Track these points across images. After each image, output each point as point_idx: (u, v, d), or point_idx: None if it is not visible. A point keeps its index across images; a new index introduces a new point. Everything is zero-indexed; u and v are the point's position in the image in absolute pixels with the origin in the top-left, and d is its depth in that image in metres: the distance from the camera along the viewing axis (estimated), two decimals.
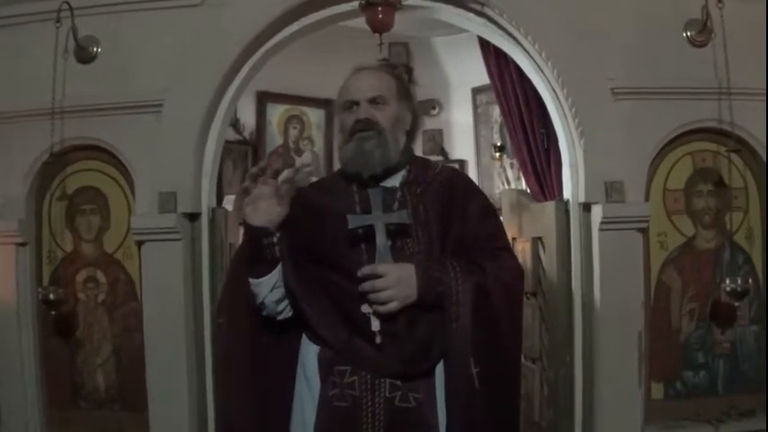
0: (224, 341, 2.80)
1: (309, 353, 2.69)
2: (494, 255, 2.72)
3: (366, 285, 2.53)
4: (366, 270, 2.54)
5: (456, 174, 2.99)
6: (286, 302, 2.69)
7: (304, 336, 2.73)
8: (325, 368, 2.63)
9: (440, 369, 2.62)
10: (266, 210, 2.61)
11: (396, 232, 2.64)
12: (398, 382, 2.57)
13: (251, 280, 2.63)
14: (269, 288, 2.63)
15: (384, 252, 2.59)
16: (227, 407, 2.76)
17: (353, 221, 2.59)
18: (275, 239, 2.61)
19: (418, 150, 6.47)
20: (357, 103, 2.71)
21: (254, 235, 2.60)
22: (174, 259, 4.19)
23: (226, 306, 2.80)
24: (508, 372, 2.73)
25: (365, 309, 2.57)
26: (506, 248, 2.85)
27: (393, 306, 2.53)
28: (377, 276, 2.53)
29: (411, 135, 2.86)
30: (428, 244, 2.65)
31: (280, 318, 2.71)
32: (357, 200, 2.71)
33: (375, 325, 2.57)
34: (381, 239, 2.59)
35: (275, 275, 2.63)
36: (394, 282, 2.53)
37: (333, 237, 2.66)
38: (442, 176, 2.81)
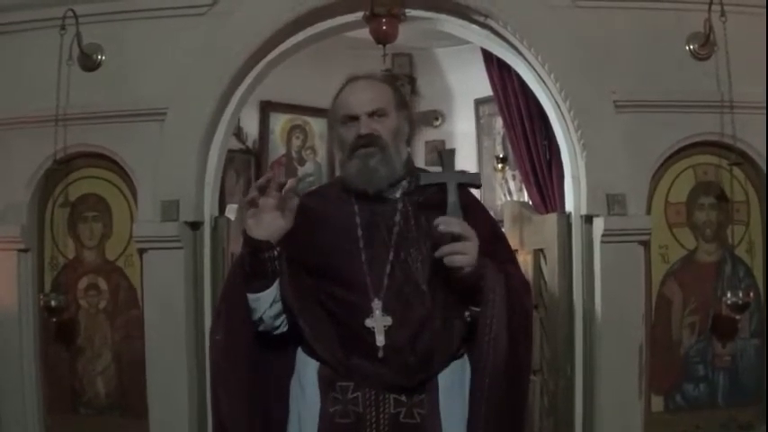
0: (221, 358, 2.66)
1: (307, 367, 2.64)
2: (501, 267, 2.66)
3: (447, 249, 2.45)
4: (447, 224, 2.45)
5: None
6: (283, 317, 2.64)
7: (300, 350, 2.69)
8: (327, 384, 2.58)
9: (443, 384, 2.59)
10: (269, 223, 2.52)
11: (399, 243, 2.62)
12: (403, 398, 2.54)
13: (250, 295, 2.57)
14: (268, 303, 2.58)
15: (455, 210, 2.50)
16: (225, 422, 2.66)
17: (425, 179, 2.55)
18: (276, 253, 2.54)
19: (420, 161, 6.49)
20: (356, 118, 2.63)
21: (255, 248, 2.52)
22: (175, 267, 4.20)
23: (222, 322, 2.67)
24: (520, 384, 2.71)
25: (369, 323, 2.53)
26: (513, 261, 2.83)
27: (467, 271, 2.46)
28: (453, 237, 2.45)
29: (409, 143, 2.78)
30: (431, 255, 2.57)
31: (276, 332, 2.66)
32: (357, 210, 2.67)
33: (380, 339, 2.51)
34: (453, 198, 2.50)
35: (275, 290, 2.58)
36: (472, 248, 2.46)
37: (332, 249, 2.63)
38: (442, 187, 2.76)
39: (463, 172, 2.60)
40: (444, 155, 2.62)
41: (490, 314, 2.52)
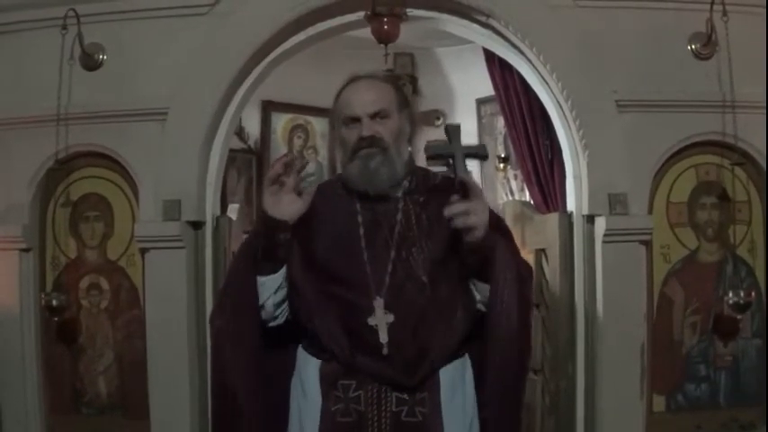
0: (224, 344, 2.62)
1: (308, 365, 2.64)
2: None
3: (461, 207, 2.39)
4: (465, 180, 2.43)
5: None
6: (284, 306, 2.63)
7: (300, 348, 2.69)
8: (328, 382, 2.58)
9: (445, 382, 2.59)
10: (288, 203, 2.48)
11: (400, 242, 2.61)
12: (405, 396, 2.53)
13: (258, 278, 2.54)
14: (273, 289, 2.56)
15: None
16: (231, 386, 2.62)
17: (431, 150, 2.53)
18: (289, 236, 2.52)
19: (421, 160, 6.48)
20: (358, 119, 2.61)
21: (273, 228, 2.49)
22: (177, 267, 4.20)
23: (228, 306, 2.63)
24: (524, 368, 2.72)
25: (372, 321, 2.52)
26: (518, 254, 2.82)
27: (480, 234, 2.42)
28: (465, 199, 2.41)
29: (410, 142, 2.77)
30: (433, 253, 2.60)
31: (272, 324, 2.64)
32: (358, 209, 2.66)
33: (383, 337, 2.50)
34: (461, 170, 2.47)
35: (281, 276, 2.57)
36: (484, 208, 2.43)
37: (333, 247, 2.62)
38: (444, 186, 2.70)
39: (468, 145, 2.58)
40: (450, 129, 2.57)
41: (502, 286, 2.52)
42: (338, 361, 2.56)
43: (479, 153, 2.61)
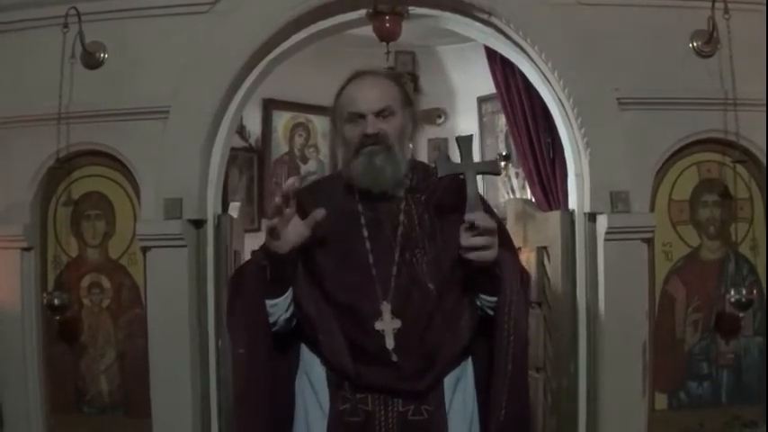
0: (247, 372, 2.63)
1: (314, 364, 2.65)
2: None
3: (480, 240, 2.41)
4: (478, 220, 2.41)
5: (458, 181, 2.69)
6: (294, 319, 2.63)
7: (304, 346, 2.69)
8: (335, 382, 2.59)
9: (448, 380, 2.61)
10: (293, 234, 2.46)
11: (404, 244, 2.61)
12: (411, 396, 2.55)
13: (269, 301, 2.55)
14: (284, 308, 2.57)
15: (476, 202, 2.45)
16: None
17: (443, 170, 2.51)
18: (294, 255, 2.53)
19: (421, 157, 6.49)
20: (362, 116, 2.59)
21: (281, 261, 2.50)
22: (179, 266, 4.19)
23: (245, 335, 2.61)
24: (527, 370, 2.75)
25: (379, 326, 2.52)
26: (516, 256, 2.82)
27: (490, 263, 2.47)
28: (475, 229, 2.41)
29: (410, 139, 2.77)
30: (436, 254, 2.60)
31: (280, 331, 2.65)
32: (361, 209, 2.66)
33: (389, 342, 2.51)
34: (472, 189, 2.46)
35: (291, 294, 2.57)
36: (496, 243, 2.45)
37: (337, 251, 2.61)
38: (444, 183, 2.70)
39: (479, 162, 2.58)
40: (462, 142, 2.54)
41: (510, 301, 2.53)
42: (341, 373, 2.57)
43: (493, 170, 2.59)
